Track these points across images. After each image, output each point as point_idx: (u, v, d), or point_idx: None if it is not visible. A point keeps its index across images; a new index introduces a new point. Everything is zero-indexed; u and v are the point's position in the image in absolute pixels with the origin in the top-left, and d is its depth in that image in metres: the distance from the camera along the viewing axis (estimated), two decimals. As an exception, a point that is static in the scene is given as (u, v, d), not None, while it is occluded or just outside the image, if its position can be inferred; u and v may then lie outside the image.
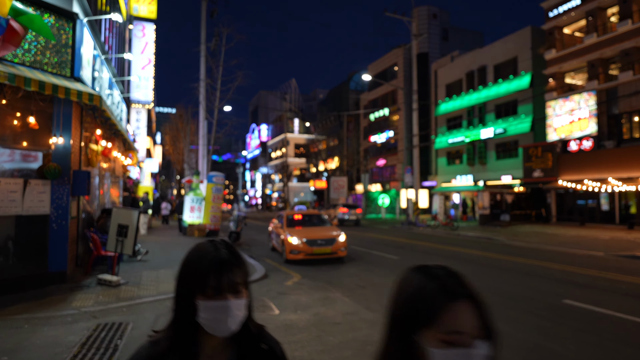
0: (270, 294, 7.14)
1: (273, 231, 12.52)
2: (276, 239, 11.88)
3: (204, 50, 19.98)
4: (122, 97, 13.38)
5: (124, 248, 7.09)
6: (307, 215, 12.24)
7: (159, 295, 6.57)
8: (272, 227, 12.97)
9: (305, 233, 10.59)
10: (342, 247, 10.42)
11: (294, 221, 11.68)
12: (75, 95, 6.48)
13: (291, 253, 10.28)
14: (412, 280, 0.87)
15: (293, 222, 11.59)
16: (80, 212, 7.90)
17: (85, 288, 6.79)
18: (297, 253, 10.20)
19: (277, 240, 11.63)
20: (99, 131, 8.26)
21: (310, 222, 11.88)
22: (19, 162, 6.78)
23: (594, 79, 22.05)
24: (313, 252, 10.16)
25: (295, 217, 11.91)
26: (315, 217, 12.26)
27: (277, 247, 11.75)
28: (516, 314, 5.99)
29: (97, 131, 8.21)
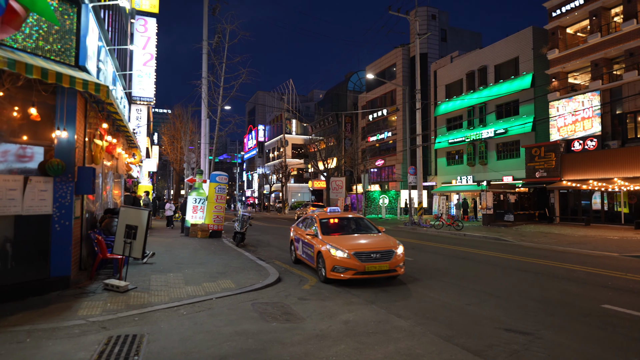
0: (291, 299, 6.68)
1: (299, 239, 9.79)
2: (305, 250, 9.27)
3: (205, 48, 19.49)
4: (124, 93, 12.84)
5: (133, 251, 6.59)
6: (346, 219, 9.66)
7: (172, 302, 6.08)
8: (296, 233, 10.32)
9: (351, 242, 8.06)
10: (400, 263, 7.80)
11: (330, 226, 9.15)
12: (81, 85, 5.98)
13: (334, 270, 7.60)
14: None
15: (329, 228, 9.04)
16: (84, 212, 7.38)
17: (91, 294, 6.27)
18: (344, 270, 7.52)
19: (308, 252, 9.02)
20: (105, 125, 7.74)
21: (351, 227, 9.40)
22: (19, 157, 6.25)
23: (597, 79, 21.89)
24: (366, 269, 7.45)
25: (332, 221, 9.34)
26: (356, 220, 9.68)
27: (307, 260, 9.16)
28: (560, 321, 5.60)
29: (103, 125, 7.69)
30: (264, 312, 5.84)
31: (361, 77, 54.82)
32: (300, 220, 10.63)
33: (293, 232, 10.68)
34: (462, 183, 32.62)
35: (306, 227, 9.74)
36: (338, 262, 7.62)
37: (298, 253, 9.97)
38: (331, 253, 7.77)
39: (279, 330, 5.03)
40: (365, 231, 9.21)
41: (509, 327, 5.31)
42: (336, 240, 8.19)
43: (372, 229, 9.34)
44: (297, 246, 10.01)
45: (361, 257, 7.57)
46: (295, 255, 10.34)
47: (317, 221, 9.20)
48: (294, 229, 10.71)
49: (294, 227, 10.78)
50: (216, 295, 6.63)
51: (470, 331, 5.16)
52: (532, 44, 27.07)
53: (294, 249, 10.45)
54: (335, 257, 7.68)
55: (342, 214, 10.03)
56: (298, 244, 9.96)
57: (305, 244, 9.31)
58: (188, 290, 6.88)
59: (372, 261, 7.58)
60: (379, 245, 7.97)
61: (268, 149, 68.19)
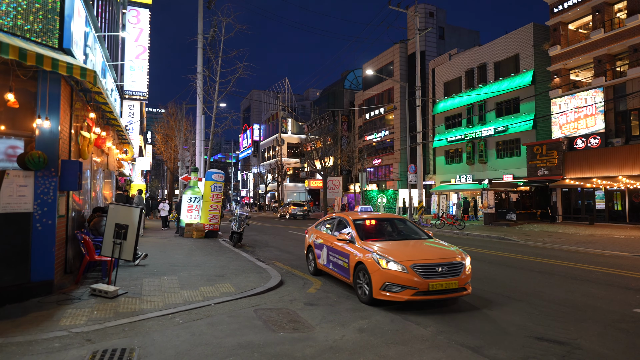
0: (296, 304, 6.13)
1: (322, 245, 7.98)
2: (333, 259, 7.35)
3: (201, 42, 18.84)
4: (115, 86, 12.21)
5: (123, 253, 6.00)
6: (386, 221, 7.81)
7: (166, 309, 5.50)
8: (316, 237, 8.41)
9: (403, 251, 6.21)
10: (469, 279, 6.10)
11: (368, 230, 7.29)
12: (65, 69, 5.38)
13: (385, 289, 5.78)
14: None
15: (366, 232, 7.17)
16: (70, 210, 6.78)
17: (76, 301, 5.68)
18: (399, 289, 5.70)
19: (338, 262, 7.12)
20: (92, 115, 7.13)
21: (394, 231, 7.63)
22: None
23: (601, 76, 21.55)
24: (430, 287, 5.65)
25: (369, 223, 7.49)
26: (397, 222, 7.91)
27: (337, 272, 7.22)
28: (594, 327, 5.10)
29: (90, 115, 7.08)
30: (269, 319, 5.29)
31: (358, 75, 54.37)
32: (321, 221, 8.74)
33: (312, 236, 8.71)
34: (461, 182, 32.24)
35: (333, 230, 7.87)
36: (391, 277, 5.75)
37: (320, 262, 8.06)
38: (380, 265, 5.89)
39: (288, 342, 4.48)
40: (413, 236, 7.29)
41: (540, 336, 4.80)
42: (383, 248, 6.30)
43: (419, 233, 7.45)
44: (319, 254, 8.09)
45: (423, 271, 5.75)
46: (315, 264, 8.38)
47: (350, 223, 7.27)
48: (312, 233, 8.77)
49: (313, 229, 8.89)
50: (215, 300, 6.06)
51: (499, 340, 4.64)
52: (533, 40, 26.71)
53: (313, 257, 8.47)
54: (387, 271, 5.79)
55: (379, 214, 8.20)
56: (320, 251, 8.02)
57: (333, 251, 7.39)
58: (184, 295, 6.31)
59: (436, 277, 5.76)
60: (441, 255, 6.16)
61: (263, 149, 67.54)
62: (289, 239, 16.48)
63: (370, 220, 7.60)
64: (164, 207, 19.20)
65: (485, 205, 22.94)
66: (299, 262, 10.49)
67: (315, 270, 8.46)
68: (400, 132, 41.02)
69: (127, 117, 17.51)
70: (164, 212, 19.29)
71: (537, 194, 25.00)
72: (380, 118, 44.92)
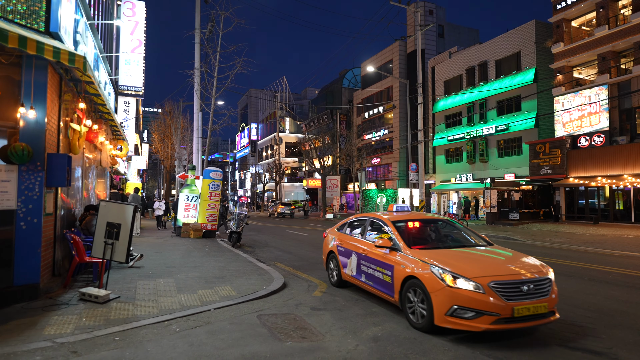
0: (302, 309, 5.69)
1: (350, 251, 6.57)
2: (369, 270, 5.95)
3: (198, 37, 18.38)
4: (109, 81, 11.72)
5: (115, 254, 5.55)
6: (432, 223, 6.42)
7: (162, 316, 5.05)
8: (341, 242, 7.02)
9: (470, 263, 4.81)
10: (557, 300, 4.77)
11: (412, 234, 5.91)
12: (51, 53, 4.93)
13: (454, 315, 4.41)
14: None
15: (411, 237, 5.76)
16: (58, 208, 6.31)
17: (64, 306, 5.21)
18: (474, 316, 4.33)
19: (376, 274, 5.72)
20: (82, 105, 6.66)
21: (444, 236, 6.22)
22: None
23: (605, 73, 21.24)
24: (515, 312, 4.29)
25: (412, 225, 6.11)
26: (445, 225, 6.44)
27: (374, 286, 5.81)
28: (629, 335, 4.70)
29: (80, 105, 6.61)
30: (274, 327, 4.85)
31: (356, 74, 53.99)
32: (346, 223, 7.37)
33: (333, 240, 7.35)
34: (461, 181, 31.89)
35: (364, 233, 6.50)
36: (461, 299, 4.33)
37: (346, 272, 6.65)
38: (445, 282, 4.48)
39: (297, 353, 4.05)
40: (470, 242, 5.90)
41: (572, 345, 4.39)
42: (442, 258, 4.86)
43: (475, 237, 6.03)
44: (345, 262, 6.72)
45: (504, 291, 4.35)
46: (338, 274, 6.99)
47: (390, 225, 5.91)
48: (334, 236, 7.41)
49: (334, 232, 7.51)
50: (215, 305, 5.62)
51: (526, 344, 4.23)
52: (535, 38, 26.40)
53: (336, 266, 7.07)
54: (456, 291, 4.38)
55: (420, 214, 6.83)
56: (347, 258, 6.65)
57: (366, 260, 6.01)
58: (181, 299, 5.86)
59: (522, 298, 4.37)
60: (522, 268, 4.72)
61: (261, 148, 67.04)
62: (289, 238, 16.05)
63: (414, 222, 6.19)
64: (160, 206, 18.40)
65: (488, 205, 22.59)
66: (301, 263, 10.06)
67: (339, 281, 7.00)
68: (400, 130, 40.65)
69: (122, 113, 17.00)
70: (159, 212, 18.47)
71: (539, 193, 24.68)
72: (379, 117, 44.55)
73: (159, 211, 18.35)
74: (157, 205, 18.53)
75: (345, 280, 6.90)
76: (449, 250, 5.46)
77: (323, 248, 7.91)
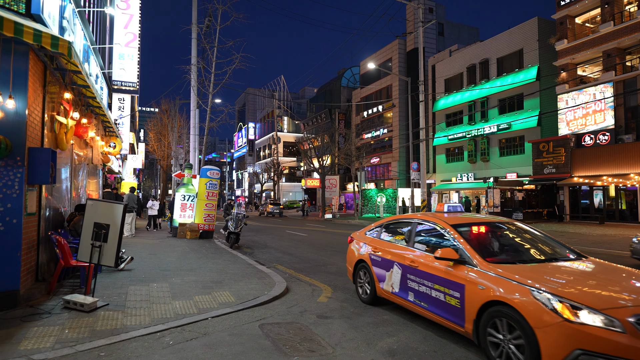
0: (308, 317, 5.22)
1: (391, 262, 5.29)
2: (421, 287, 4.70)
3: (195, 32, 17.88)
4: (102, 74, 11.21)
5: (103, 257, 5.06)
6: (499, 227, 5.06)
7: (154, 326, 4.57)
8: (376, 248, 5.75)
9: (584, 285, 3.54)
10: None
11: (485, 244, 4.67)
12: (31, 36, 4.45)
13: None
14: None
15: (484, 248, 4.54)
16: (42, 208, 5.82)
17: (45, 316, 4.72)
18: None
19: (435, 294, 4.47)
20: (67, 95, 6.17)
21: (522, 246, 4.76)
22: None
23: (610, 70, 20.88)
24: None
25: (477, 230, 4.83)
26: (518, 230, 5.03)
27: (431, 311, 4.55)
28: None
29: (65, 95, 6.12)
30: (279, 338, 4.38)
31: (355, 73, 53.55)
32: (379, 226, 6.12)
33: (363, 246, 6.06)
34: (462, 181, 31.52)
35: (410, 240, 5.18)
36: (588, 340, 3.04)
37: (384, 288, 5.35)
38: (560, 314, 3.19)
39: (306, 371, 3.58)
40: (561, 254, 4.56)
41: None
42: (538, 276, 3.67)
43: (560, 247, 4.78)
44: (382, 275, 5.44)
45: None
46: (372, 289, 5.67)
47: (451, 230, 4.63)
48: (364, 242, 6.13)
49: (363, 237, 6.26)
50: (213, 313, 5.14)
51: None
52: (538, 35, 26.04)
53: (369, 279, 5.76)
54: (580, 328, 3.08)
55: (483, 217, 5.40)
56: (385, 270, 5.36)
57: (418, 275, 4.70)
58: (176, 306, 5.38)
59: None
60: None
61: (259, 147, 66.54)
62: (289, 239, 15.59)
63: (479, 226, 4.85)
64: (153, 205, 17.47)
65: (491, 204, 22.20)
66: (303, 265, 9.60)
67: (372, 297, 5.69)
68: (399, 130, 40.25)
69: (117, 111, 16.49)
70: (152, 211, 17.50)
71: (542, 192, 24.32)
72: (379, 116, 44.15)
73: (151, 211, 17.44)
74: (151, 204, 17.59)
75: (381, 296, 5.56)
76: (543, 265, 4.07)
77: (347, 255, 6.60)
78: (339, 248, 12.71)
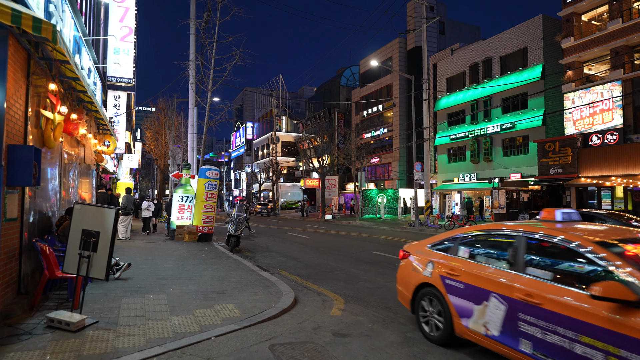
0: (323, 335, 4.66)
1: (486, 293, 3.87)
2: (541, 334, 3.31)
3: (193, 27, 17.29)
4: (95, 69, 10.60)
5: (92, 269, 4.49)
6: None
7: (150, 348, 4.00)
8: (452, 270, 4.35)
9: None
10: None
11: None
12: (8, 16, 3.88)
13: None
14: None
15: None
16: (25, 212, 5.23)
17: (25, 338, 4.14)
18: None
19: (574, 349, 3.05)
20: (52, 86, 5.58)
21: None
22: None
23: (618, 68, 20.42)
24: None
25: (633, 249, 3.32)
26: None
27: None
28: None
29: (50, 86, 5.53)
30: (293, 364, 3.83)
31: (354, 72, 53.02)
32: (458, 239, 4.60)
33: (430, 265, 4.65)
34: (464, 181, 31.05)
35: (516, 262, 3.80)
36: None
37: (470, 327, 3.99)
38: None
39: (330, 410, 3.02)
40: None
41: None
42: None
43: None
44: (469, 309, 4.01)
45: None
46: (449, 325, 4.24)
47: (606, 253, 3.23)
48: (432, 259, 4.69)
49: (431, 252, 4.79)
50: (216, 331, 4.57)
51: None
52: (542, 33, 25.58)
53: (443, 311, 4.32)
54: None
55: (623, 228, 4.11)
56: (476, 303, 3.94)
57: (544, 317, 3.31)
58: (175, 323, 4.81)
59: None
60: None
61: (257, 147, 65.91)
62: (290, 242, 15.03)
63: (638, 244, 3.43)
64: (149, 206, 15.99)
65: (496, 205, 21.72)
66: (309, 271, 9.05)
67: (446, 336, 4.25)
68: (400, 129, 39.76)
69: (112, 109, 15.87)
70: (147, 213, 16.00)
71: (548, 193, 23.86)
72: (379, 115, 43.63)
73: (146, 212, 15.99)
74: (146, 205, 16.11)
75: (463, 337, 4.13)
76: None
77: (400, 275, 5.15)
78: (344, 252, 12.16)
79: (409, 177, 38.43)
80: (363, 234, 18.66)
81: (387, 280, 7.94)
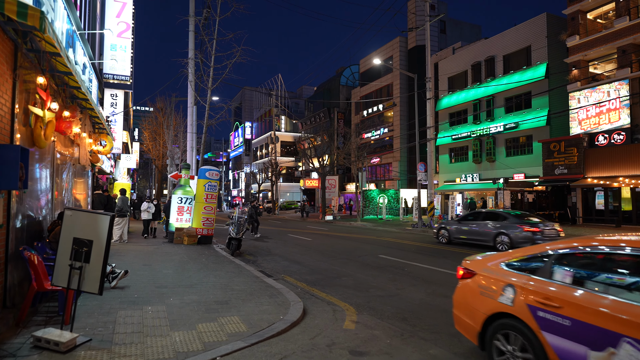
0: (338, 354, 4.24)
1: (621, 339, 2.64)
2: None
3: (192, 24, 16.84)
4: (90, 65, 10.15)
5: (85, 281, 4.06)
6: None
7: (149, 371, 3.57)
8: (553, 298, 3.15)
9: None
10: None
11: None
12: (-12, -1, 3.44)
13: None
14: None
15: None
16: (12, 218, 4.79)
17: None
18: None
19: None
20: (41, 80, 5.14)
21: None
22: None
23: (625, 67, 20.08)
24: None
25: None
26: None
27: None
28: None
29: (39, 80, 5.09)
30: (310, 391, 3.40)
31: (354, 71, 52.63)
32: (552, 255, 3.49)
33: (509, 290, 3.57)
34: (467, 181, 30.69)
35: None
36: None
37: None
38: None
39: None
40: None
41: None
42: None
43: None
44: (579, 354, 2.89)
45: None
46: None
47: None
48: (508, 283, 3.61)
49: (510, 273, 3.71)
50: (222, 350, 4.15)
51: None
52: (546, 31, 25.23)
53: (534, 351, 3.21)
54: None
55: None
56: (592, 349, 2.82)
57: None
58: (175, 340, 4.38)
59: None
60: None
61: (255, 147, 65.45)
62: (292, 244, 14.61)
63: None
64: (149, 207, 15.06)
65: (501, 206, 21.34)
66: (315, 276, 8.62)
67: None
68: (401, 129, 39.37)
69: (109, 107, 15.42)
70: (146, 215, 14.95)
71: (553, 194, 23.51)
72: (379, 115, 43.25)
73: (146, 214, 14.96)
74: (146, 206, 15.03)
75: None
76: None
77: (462, 299, 4.11)
78: (349, 255, 11.74)
79: (410, 177, 38.08)
80: (366, 235, 18.25)
81: (398, 288, 7.52)
